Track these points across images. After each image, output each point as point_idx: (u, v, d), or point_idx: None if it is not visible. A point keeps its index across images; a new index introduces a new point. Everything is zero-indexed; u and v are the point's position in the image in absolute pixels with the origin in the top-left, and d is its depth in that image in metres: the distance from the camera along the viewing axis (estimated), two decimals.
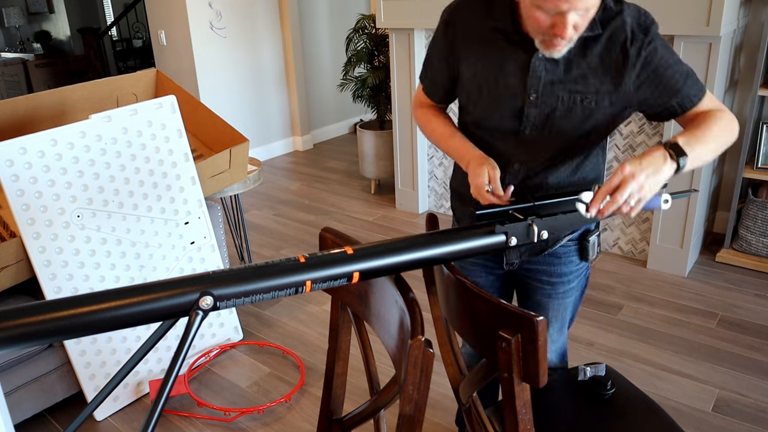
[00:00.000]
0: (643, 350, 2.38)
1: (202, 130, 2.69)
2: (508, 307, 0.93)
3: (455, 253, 1.08)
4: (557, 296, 1.43)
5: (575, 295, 1.46)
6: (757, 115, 2.97)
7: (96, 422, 2.14)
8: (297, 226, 3.74)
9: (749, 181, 3.05)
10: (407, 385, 0.88)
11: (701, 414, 2.05)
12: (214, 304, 0.88)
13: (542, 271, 1.41)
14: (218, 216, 2.51)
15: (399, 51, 3.55)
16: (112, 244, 2.07)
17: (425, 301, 1.61)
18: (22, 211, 1.88)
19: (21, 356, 1.99)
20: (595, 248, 1.37)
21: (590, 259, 1.38)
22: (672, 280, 2.88)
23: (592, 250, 1.37)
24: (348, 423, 1.22)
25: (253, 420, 2.12)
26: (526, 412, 0.97)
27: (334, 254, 0.97)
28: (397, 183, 3.89)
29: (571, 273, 1.40)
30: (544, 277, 1.41)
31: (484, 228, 1.12)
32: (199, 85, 4.49)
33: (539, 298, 1.44)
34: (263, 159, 5.09)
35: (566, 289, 1.42)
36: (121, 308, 0.84)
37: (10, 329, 0.79)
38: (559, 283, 1.41)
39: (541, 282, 1.42)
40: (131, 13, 7.36)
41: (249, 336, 2.61)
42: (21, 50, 8.34)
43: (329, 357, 1.26)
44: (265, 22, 4.84)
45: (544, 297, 1.43)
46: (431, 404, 2.14)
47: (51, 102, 2.42)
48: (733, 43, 2.80)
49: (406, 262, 1.03)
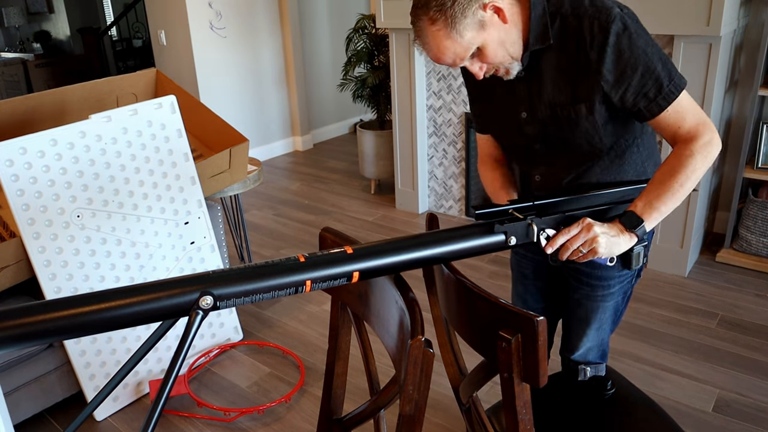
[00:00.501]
0: (643, 350, 2.38)
1: (202, 130, 2.69)
2: (508, 307, 0.92)
3: (455, 253, 1.08)
4: (596, 299, 1.43)
5: (616, 300, 1.45)
6: (757, 115, 2.97)
7: (96, 422, 2.14)
8: (297, 226, 3.74)
9: (749, 181, 3.05)
10: (407, 385, 0.87)
11: (701, 414, 2.04)
12: (214, 304, 0.87)
13: (584, 273, 1.41)
14: (218, 216, 2.51)
15: (399, 51, 3.55)
16: (112, 244, 2.07)
17: (425, 301, 1.60)
18: (22, 211, 1.88)
19: (21, 356, 1.99)
20: (640, 258, 1.35)
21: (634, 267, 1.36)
22: (672, 280, 2.88)
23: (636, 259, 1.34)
24: (348, 423, 1.22)
25: (253, 420, 2.12)
26: (526, 412, 0.97)
27: (334, 254, 0.97)
28: (397, 183, 3.89)
29: (612, 278, 1.40)
30: (584, 278, 1.41)
31: (483, 227, 1.13)
32: (199, 85, 4.49)
33: (578, 298, 1.45)
34: (263, 159, 5.09)
35: (606, 293, 1.42)
36: (121, 308, 0.83)
37: (10, 329, 0.79)
38: (599, 286, 1.41)
39: (581, 282, 1.42)
40: (131, 13, 7.36)
41: (249, 336, 2.61)
42: (21, 50, 8.34)
43: (329, 357, 1.26)
44: (265, 22, 4.83)
45: (583, 297, 1.44)
46: (431, 404, 2.14)
47: (51, 102, 2.42)
48: (733, 43, 2.80)
49: (406, 262, 1.03)
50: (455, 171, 3.67)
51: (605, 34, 1.13)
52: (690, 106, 1.20)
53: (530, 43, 1.17)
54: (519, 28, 1.16)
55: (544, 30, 1.17)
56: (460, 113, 3.51)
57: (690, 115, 1.19)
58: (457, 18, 1.08)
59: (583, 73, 1.17)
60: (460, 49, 1.11)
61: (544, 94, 1.23)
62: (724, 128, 3.02)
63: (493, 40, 1.13)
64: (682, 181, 1.19)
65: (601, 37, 1.13)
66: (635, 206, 1.22)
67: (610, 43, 1.13)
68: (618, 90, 1.17)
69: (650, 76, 1.16)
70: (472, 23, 1.09)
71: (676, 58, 2.62)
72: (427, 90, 3.61)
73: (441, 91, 3.55)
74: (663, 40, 2.71)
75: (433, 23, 1.09)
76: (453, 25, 1.08)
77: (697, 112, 1.20)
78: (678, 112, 1.19)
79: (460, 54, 1.12)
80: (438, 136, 3.67)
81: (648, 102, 1.18)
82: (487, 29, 1.11)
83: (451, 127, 3.58)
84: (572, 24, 1.16)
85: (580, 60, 1.17)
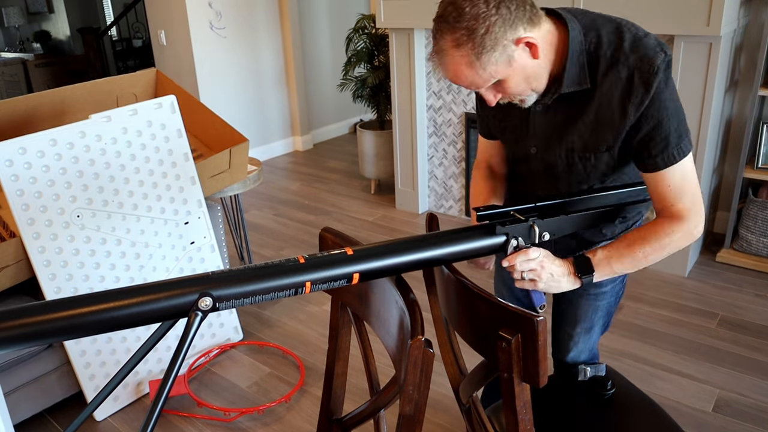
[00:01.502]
0: (643, 350, 2.38)
1: (202, 130, 2.69)
2: (508, 307, 0.92)
3: (456, 255, 1.08)
4: (588, 297, 1.42)
5: (608, 301, 1.44)
6: (757, 115, 2.97)
7: (96, 422, 2.14)
8: (297, 226, 3.74)
9: (749, 181, 3.05)
10: (407, 385, 0.87)
11: (701, 414, 2.04)
12: (213, 305, 0.87)
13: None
14: (218, 216, 2.51)
15: (399, 51, 3.55)
16: (112, 244, 2.07)
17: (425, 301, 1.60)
18: (21, 211, 1.88)
19: (21, 356, 1.99)
20: None
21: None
22: (672, 280, 2.88)
23: None
24: (348, 423, 1.22)
25: (253, 420, 2.12)
26: (526, 412, 0.97)
27: (334, 255, 0.97)
28: (397, 183, 3.89)
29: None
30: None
31: (484, 229, 1.12)
32: (199, 85, 4.49)
33: (570, 296, 1.44)
34: (263, 159, 5.09)
35: (598, 291, 1.42)
36: (121, 309, 0.83)
37: (10, 329, 0.79)
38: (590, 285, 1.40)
39: None
40: (131, 13, 7.36)
41: (249, 336, 2.61)
42: (21, 50, 8.34)
43: (329, 357, 1.26)
44: (265, 22, 4.83)
45: (576, 295, 1.43)
46: (431, 404, 2.14)
47: (51, 102, 2.42)
48: (734, 43, 2.80)
49: (407, 264, 1.02)
50: (455, 171, 3.67)
51: (647, 88, 1.06)
52: (691, 180, 1.14)
53: (565, 83, 1.09)
54: (549, 61, 1.08)
55: (581, 72, 1.09)
56: (460, 113, 3.51)
57: (688, 193, 1.13)
58: (486, 49, 0.98)
59: (616, 123, 1.11)
60: (480, 80, 1.03)
61: (566, 138, 1.17)
62: (724, 128, 3.02)
63: (517, 75, 1.04)
64: (648, 253, 1.16)
65: (642, 91, 1.06)
66: (594, 254, 1.18)
67: (649, 97, 1.07)
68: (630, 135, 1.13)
69: (660, 132, 1.09)
70: (500, 57, 1.00)
71: (676, 58, 2.62)
72: (427, 90, 3.61)
73: (441, 91, 3.55)
74: (663, 39, 2.70)
75: (457, 47, 0.99)
76: (478, 55, 0.98)
77: (694, 191, 1.14)
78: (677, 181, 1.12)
79: (477, 84, 1.04)
80: (438, 136, 3.67)
81: (648, 156, 1.12)
82: (514, 65, 1.02)
83: (451, 127, 3.58)
84: (613, 71, 1.07)
85: (615, 109, 1.10)
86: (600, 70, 1.09)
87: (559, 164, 1.22)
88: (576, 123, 1.15)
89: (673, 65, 2.63)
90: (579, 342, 1.50)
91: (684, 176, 1.13)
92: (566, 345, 1.51)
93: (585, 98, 1.12)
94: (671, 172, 1.12)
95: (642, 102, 1.07)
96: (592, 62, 1.09)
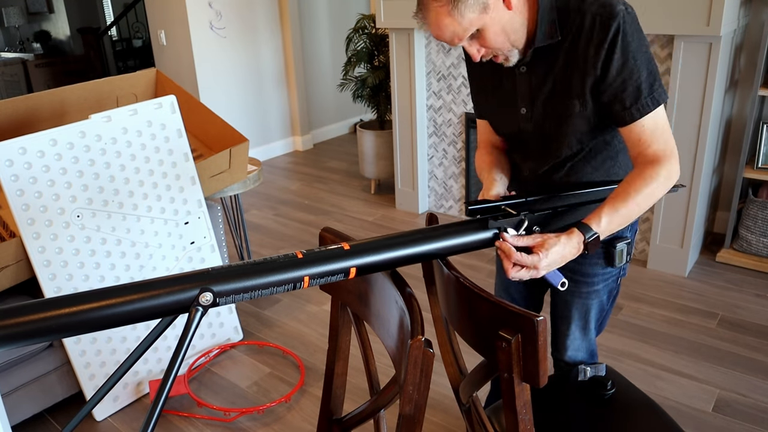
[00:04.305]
0: (643, 350, 2.38)
1: (202, 130, 2.69)
2: (508, 307, 0.92)
3: (450, 249, 1.10)
4: (580, 295, 1.43)
5: (601, 299, 1.45)
6: (757, 115, 2.97)
7: (96, 422, 2.14)
8: (297, 226, 3.74)
9: (749, 181, 3.05)
10: (407, 385, 0.87)
11: (701, 414, 2.04)
12: (213, 300, 0.88)
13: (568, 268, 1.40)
14: (218, 216, 2.51)
15: (399, 51, 3.55)
16: (112, 244, 2.07)
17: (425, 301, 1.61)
18: (21, 211, 1.88)
19: (21, 356, 1.99)
20: (623, 256, 1.36)
21: (617, 265, 1.37)
22: (672, 280, 2.88)
23: (619, 257, 1.35)
24: (348, 423, 1.22)
25: (253, 420, 2.12)
26: (526, 412, 0.97)
27: (331, 250, 0.98)
28: (397, 183, 3.89)
29: (596, 275, 1.40)
30: (569, 273, 1.40)
31: (478, 223, 1.14)
32: (199, 85, 4.49)
33: (562, 294, 1.46)
34: (263, 159, 5.09)
35: (590, 290, 1.42)
36: (123, 305, 0.84)
37: (11, 327, 0.79)
38: (582, 282, 1.41)
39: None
40: (131, 13, 7.36)
41: (249, 336, 2.61)
42: (21, 50, 8.34)
43: (329, 357, 1.26)
44: (265, 22, 4.83)
45: (568, 294, 1.44)
46: (431, 404, 2.14)
47: (51, 102, 2.42)
48: (734, 43, 2.80)
49: (402, 258, 1.04)
50: (455, 171, 3.67)
51: (605, 31, 1.13)
52: (664, 127, 1.19)
53: (537, 38, 1.17)
54: (524, 17, 1.16)
55: (551, 26, 1.17)
56: (460, 113, 3.51)
57: (661, 137, 1.19)
58: None
59: (580, 68, 1.18)
60: (460, 29, 1.11)
61: (544, 89, 1.23)
62: (724, 128, 3.02)
63: (494, 25, 1.12)
64: (639, 202, 1.18)
65: (601, 35, 1.14)
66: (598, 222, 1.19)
67: (607, 40, 1.13)
68: (599, 87, 1.18)
69: (631, 83, 1.15)
70: (474, 5, 1.08)
71: (676, 58, 2.62)
72: (427, 90, 3.61)
73: (441, 91, 3.55)
74: (663, 40, 2.71)
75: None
76: (455, 3, 1.07)
77: (668, 136, 1.20)
78: (650, 128, 1.18)
79: (458, 34, 1.12)
80: (438, 136, 3.67)
81: (622, 109, 1.17)
82: (490, 13, 1.11)
83: (451, 127, 3.58)
84: (576, 20, 1.16)
85: (580, 56, 1.17)
86: (567, 23, 1.17)
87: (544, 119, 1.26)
88: (551, 74, 1.22)
89: (673, 65, 2.63)
90: (575, 340, 1.50)
91: (657, 123, 1.18)
92: (563, 343, 1.51)
93: (557, 50, 1.19)
94: (646, 120, 1.17)
95: (601, 44, 1.14)
96: (561, 17, 1.17)
